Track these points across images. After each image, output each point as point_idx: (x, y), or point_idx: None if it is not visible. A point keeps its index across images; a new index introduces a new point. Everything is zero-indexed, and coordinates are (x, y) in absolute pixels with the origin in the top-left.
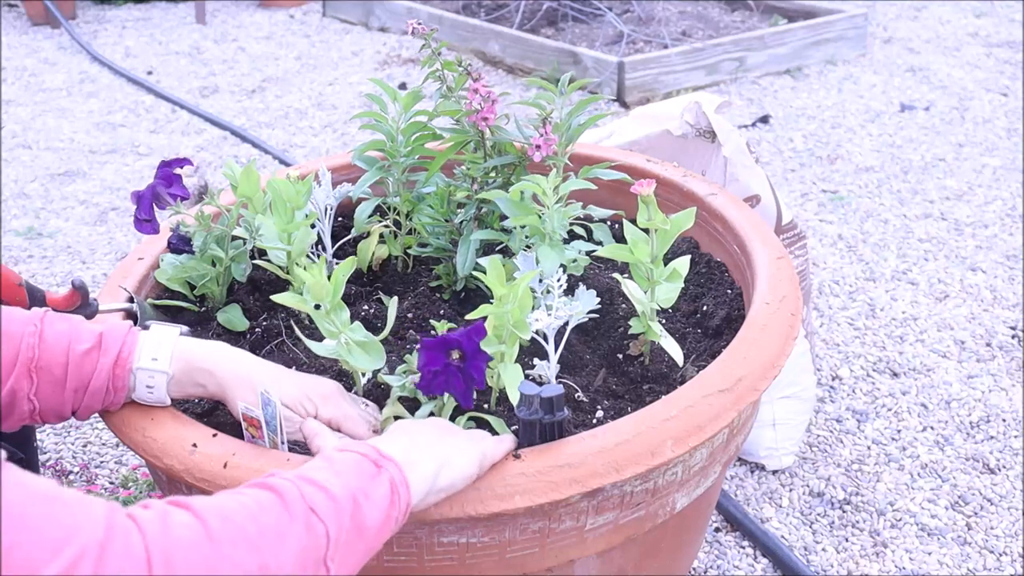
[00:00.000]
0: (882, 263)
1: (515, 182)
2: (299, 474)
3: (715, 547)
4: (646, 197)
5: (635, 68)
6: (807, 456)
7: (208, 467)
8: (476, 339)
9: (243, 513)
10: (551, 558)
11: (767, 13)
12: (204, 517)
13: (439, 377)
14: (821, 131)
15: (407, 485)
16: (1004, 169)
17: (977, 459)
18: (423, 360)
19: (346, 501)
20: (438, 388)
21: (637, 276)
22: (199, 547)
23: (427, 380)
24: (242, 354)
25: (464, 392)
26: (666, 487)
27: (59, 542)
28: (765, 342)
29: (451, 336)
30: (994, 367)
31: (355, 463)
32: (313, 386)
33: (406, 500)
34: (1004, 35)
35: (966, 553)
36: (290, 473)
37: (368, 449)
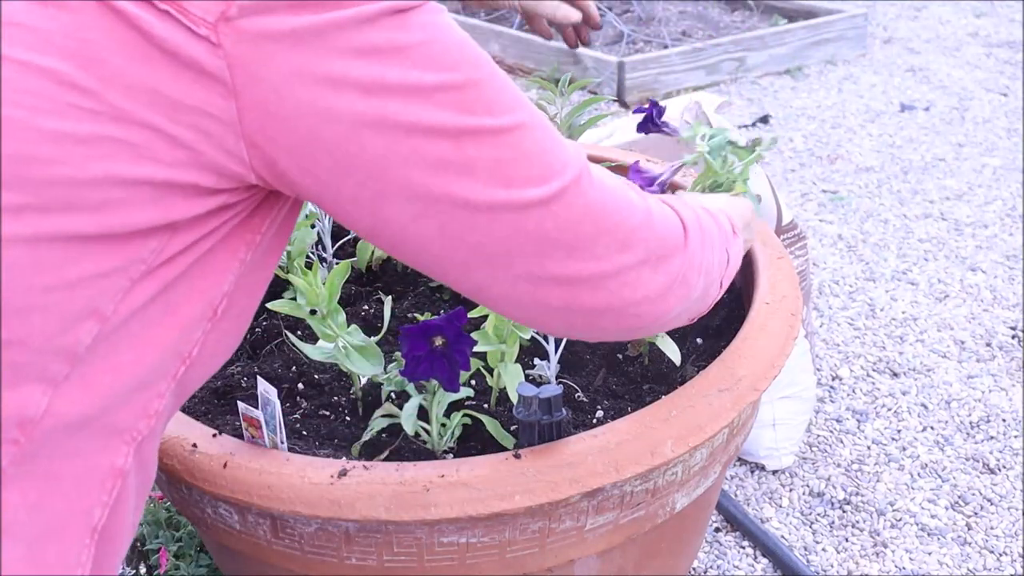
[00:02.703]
0: (882, 263)
1: None
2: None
3: (715, 547)
4: None
5: (635, 68)
6: (807, 456)
7: (208, 467)
8: (457, 324)
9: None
10: (551, 558)
11: (767, 13)
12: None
13: (423, 364)
14: (821, 131)
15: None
16: (1004, 169)
17: (977, 459)
18: (406, 348)
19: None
20: (422, 374)
21: None
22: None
23: (411, 367)
24: None
25: (449, 377)
26: (666, 487)
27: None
28: (765, 342)
29: (432, 322)
30: (994, 367)
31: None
32: None
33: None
34: (1004, 35)
35: (966, 553)
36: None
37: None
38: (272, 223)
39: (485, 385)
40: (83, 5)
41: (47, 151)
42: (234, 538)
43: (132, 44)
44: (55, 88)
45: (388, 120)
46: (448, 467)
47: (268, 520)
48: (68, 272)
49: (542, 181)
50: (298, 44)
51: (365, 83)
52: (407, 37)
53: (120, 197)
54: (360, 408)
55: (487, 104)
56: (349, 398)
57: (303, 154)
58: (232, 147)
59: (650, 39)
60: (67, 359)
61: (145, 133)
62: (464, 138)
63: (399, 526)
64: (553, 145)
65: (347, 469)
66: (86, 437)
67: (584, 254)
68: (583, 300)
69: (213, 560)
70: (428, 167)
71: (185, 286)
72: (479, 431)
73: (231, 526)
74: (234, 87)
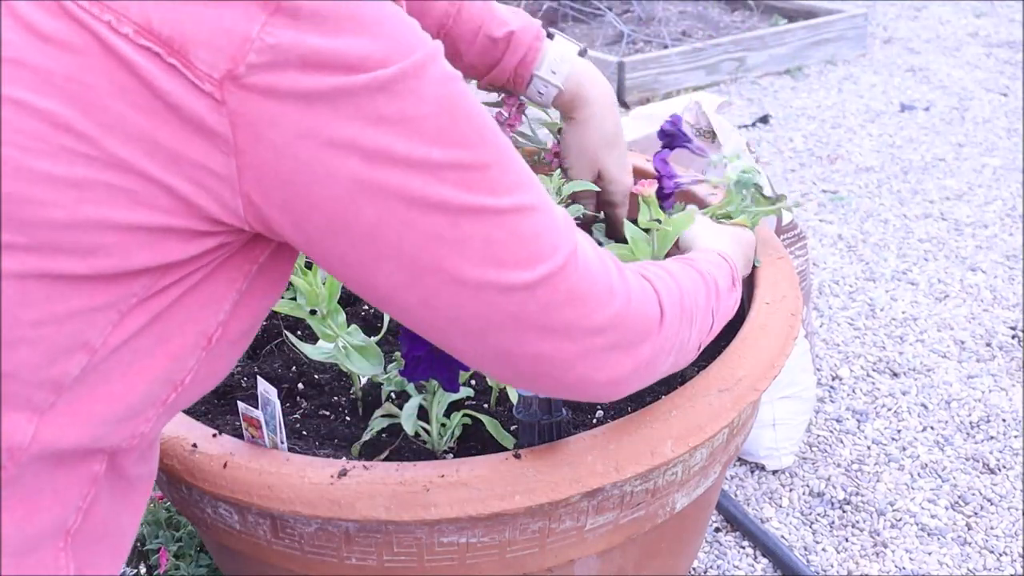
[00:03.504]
0: (882, 263)
1: None
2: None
3: (715, 547)
4: (647, 197)
5: (635, 68)
6: (807, 456)
7: (208, 467)
8: None
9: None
10: (551, 558)
11: (767, 13)
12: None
13: (422, 364)
14: (821, 131)
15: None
16: (1004, 169)
17: (977, 459)
18: (406, 348)
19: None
20: (422, 374)
21: None
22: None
23: (411, 367)
24: (609, 118)
25: (449, 377)
26: (666, 487)
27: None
28: (765, 342)
29: None
30: (994, 367)
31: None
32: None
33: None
34: (1004, 35)
35: (966, 553)
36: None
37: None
38: (270, 252)
39: (485, 385)
40: (88, 48)
41: (39, 193)
42: (234, 538)
43: (135, 93)
44: (51, 131)
45: (388, 190)
46: (448, 467)
47: (268, 520)
48: (57, 307)
49: (530, 265)
50: (307, 106)
51: (370, 151)
52: (418, 108)
53: (113, 241)
54: (360, 408)
55: (490, 184)
56: (349, 398)
57: (298, 213)
58: (228, 201)
59: (650, 39)
60: (53, 389)
61: (141, 181)
62: (462, 216)
63: (399, 526)
64: (547, 228)
65: (347, 469)
66: (70, 457)
67: (558, 336)
68: (552, 373)
69: (213, 560)
70: (421, 239)
71: (178, 316)
72: (479, 431)
73: (231, 526)
74: (236, 144)
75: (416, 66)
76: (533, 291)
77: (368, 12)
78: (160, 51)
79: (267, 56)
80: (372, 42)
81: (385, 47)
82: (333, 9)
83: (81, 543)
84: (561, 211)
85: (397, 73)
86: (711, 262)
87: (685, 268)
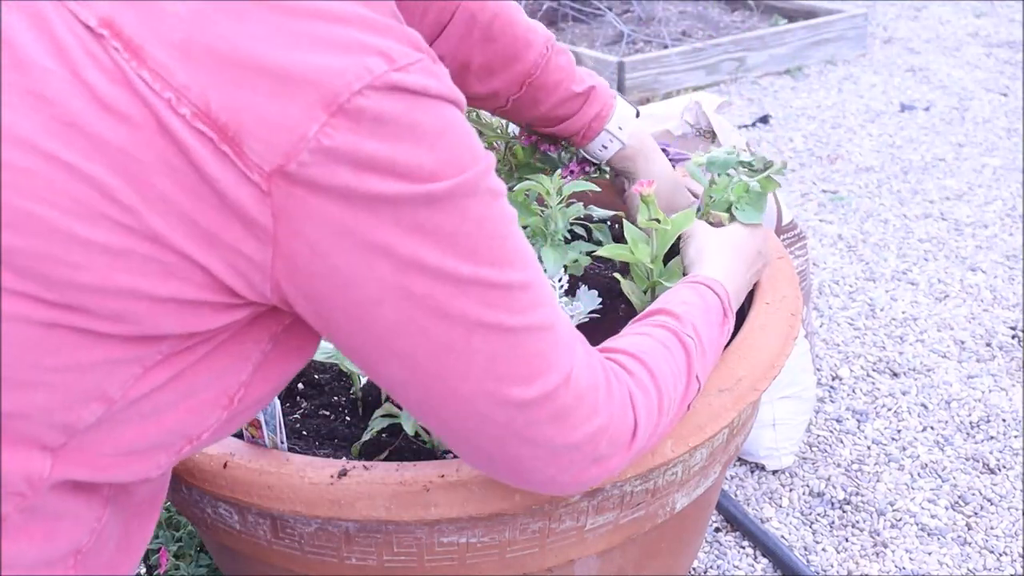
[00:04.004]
0: (882, 263)
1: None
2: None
3: (715, 547)
4: (647, 197)
5: (635, 68)
6: (807, 456)
7: (208, 467)
8: None
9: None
10: (551, 558)
11: (767, 13)
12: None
13: None
14: (821, 131)
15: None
16: (1004, 169)
17: (977, 459)
18: None
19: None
20: None
21: (637, 276)
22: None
23: None
24: (667, 171)
25: None
26: (666, 487)
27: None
28: (765, 342)
29: None
30: (994, 367)
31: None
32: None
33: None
34: (1004, 35)
35: (966, 553)
36: (679, 317)
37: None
38: (296, 318)
39: None
40: (144, 124)
41: (73, 255)
42: (234, 538)
43: (182, 174)
44: (96, 197)
45: (413, 297)
46: (448, 467)
47: (268, 520)
48: (80, 357)
49: (528, 382)
50: (348, 206)
51: (402, 258)
52: (458, 225)
53: (142, 309)
54: (360, 408)
55: (509, 303)
56: (349, 398)
57: (321, 306)
58: (258, 284)
59: (650, 39)
60: (64, 432)
61: (176, 257)
62: (476, 331)
63: (399, 526)
64: (551, 347)
65: (347, 469)
66: (86, 485)
67: (537, 447)
68: (524, 475)
69: (213, 560)
70: (433, 348)
71: (202, 374)
72: None
73: (231, 526)
74: (274, 235)
75: (465, 184)
76: (524, 409)
77: (430, 122)
78: (213, 136)
79: (320, 156)
80: (427, 153)
81: (439, 160)
82: (395, 116)
83: (90, 563)
84: (567, 325)
85: (445, 190)
86: (701, 308)
87: (670, 349)
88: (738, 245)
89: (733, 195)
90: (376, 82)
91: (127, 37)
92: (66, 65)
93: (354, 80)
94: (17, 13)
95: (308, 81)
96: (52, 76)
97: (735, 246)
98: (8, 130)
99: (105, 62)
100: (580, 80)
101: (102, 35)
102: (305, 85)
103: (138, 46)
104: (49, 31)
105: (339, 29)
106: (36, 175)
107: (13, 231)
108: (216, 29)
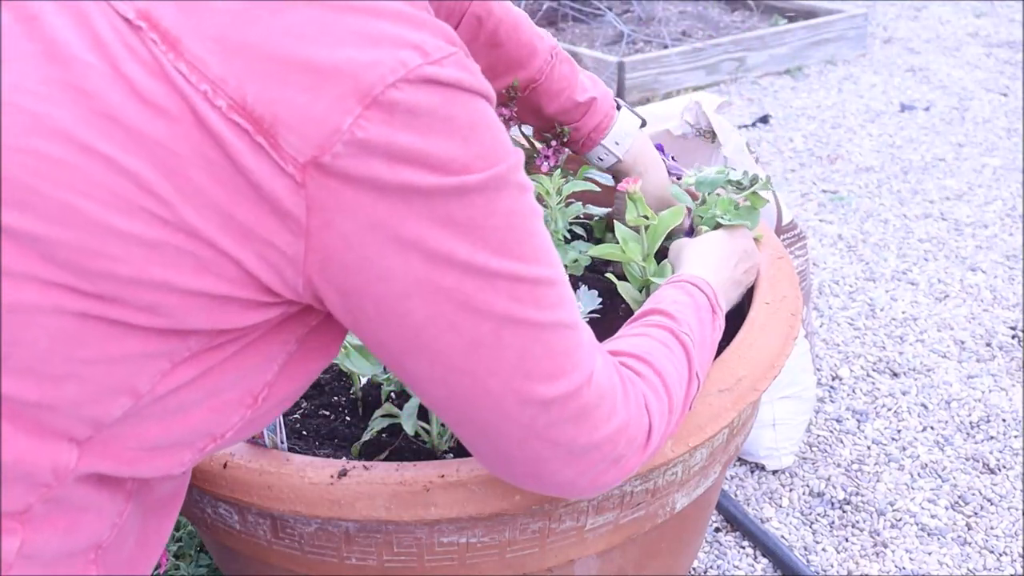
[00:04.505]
0: (882, 263)
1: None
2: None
3: (715, 547)
4: (633, 194)
5: (635, 68)
6: (807, 456)
7: (208, 467)
8: None
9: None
10: (551, 558)
11: (767, 13)
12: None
13: None
14: (821, 131)
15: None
16: (1004, 169)
17: (977, 459)
18: None
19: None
20: None
21: (630, 275)
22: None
23: None
24: (661, 185)
25: None
26: (666, 487)
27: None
28: (765, 342)
29: None
30: (994, 367)
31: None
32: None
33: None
34: (1004, 35)
35: (966, 553)
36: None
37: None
38: (323, 318)
39: None
40: (182, 117)
41: (110, 247)
42: (234, 538)
43: (218, 167)
44: (133, 189)
45: (443, 291)
46: (448, 467)
47: (268, 520)
48: (111, 349)
49: (553, 380)
50: (381, 197)
51: (433, 252)
52: (487, 219)
53: (174, 303)
54: (360, 408)
55: (537, 299)
56: (349, 398)
57: (352, 300)
58: (290, 279)
59: (650, 39)
60: (92, 425)
61: (210, 251)
62: (505, 325)
63: (399, 526)
64: (575, 346)
65: (347, 469)
66: (111, 478)
67: (558, 447)
68: (543, 477)
69: (213, 560)
70: (463, 343)
71: (228, 373)
72: None
73: (231, 526)
74: (307, 228)
75: (496, 177)
76: (547, 407)
77: (463, 116)
78: (249, 128)
79: (354, 148)
80: (460, 146)
81: (472, 154)
82: (430, 109)
83: (110, 558)
84: (587, 327)
85: (477, 182)
86: (691, 305)
87: (671, 349)
88: (718, 244)
89: (719, 210)
90: (410, 75)
91: (164, 29)
92: (106, 59)
93: (388, 73)
94: (61, 11)
95: (343, 74)
96: (92, 70)
97: (714, 245)
98: (49, 123)
99: (143, 54)
100: (583, 90)
101: (140, 27)
102: (340, 78)
103: (175, 38)
104: (90, 26)
105: (374, 22)
106: (75, 168)
107: (52, 222)
108: (252, 23)
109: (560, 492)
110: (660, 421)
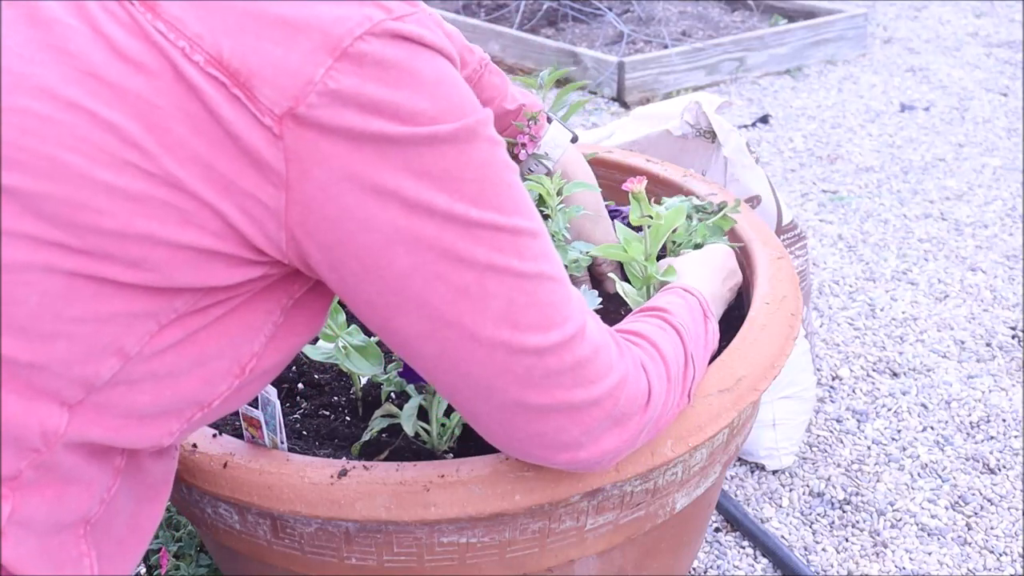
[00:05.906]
0: (882, 263)
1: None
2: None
3: (715, 547)
4: (637, 193)
5: (635, 68)
6: (807, 456)
7: (208, 467)
8: None
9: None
10: (551, 558)
11: (767, 13)
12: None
13: None
14: (821, 131)
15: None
16: (1004, 169)
17: (977, 459)
18: None
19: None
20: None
21: (632, 275)
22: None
23: (410, 368)
24: (590, 199)
25: None
26: (666, 487)
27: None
28: (765, 342)
29: None
30: (994, 367)
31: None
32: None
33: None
34: (1004, 35)
35: (966, 553)
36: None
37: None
38: (307, 289)
39: None
40: (161, 71)
41: (97, 200)
42: (234, 538)
43: (198, 119)
44: (117, 143)
45: (424, 241)
46: (448, 467)
47: (268, 520)
48: (100, 307)
49: (544, 330)
50: (356, 148)
51: (411, 201)
52: (463, 169)
53: (160, 256)
54: (360, 408)
55: (519, 249)
56: (349, 398)
57: (335, 254)
58: (272, 233)
59: (650, 39)
60: (83, 387)
61: (194, 203)
62: (489, 274)
63: (399, 526)
64: (563, 299)
65: (347, 469)
66: (99, 448)
67: (558, 403)
68: (546, 440)
69: (213, 560)
70: (448, 292)
71: (214, 338)
72: None
73: (231, 526)
74: (287, 179)
75: (466, 129)
76: (542, 356)
77: (429, 71)
78: (226, 81)
79: (327, 98)
80: (428, 100)
81: (440, 106)
82: (396, 62)
83: (100, 536)
84: (575, 290)
85: (448, 132)
86: (685, 306)
87: (666, 330)
88: (709, 258)
89: (698, 237)
90: (376, 29)
91: None
92: (86, 21)
93: (355, 27)
94: None
95: (312, 27)
96: (73, 31)
97: (706, 259)
98: (34, 81)
99: (122, 16)
100: (512, 99)
101: None
102: (310, 31)
103: (153, 1)
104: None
105: None
106: (61, 123)
107: (40, 177)
108: None
109: (565, 457)
110: (659, 384)
